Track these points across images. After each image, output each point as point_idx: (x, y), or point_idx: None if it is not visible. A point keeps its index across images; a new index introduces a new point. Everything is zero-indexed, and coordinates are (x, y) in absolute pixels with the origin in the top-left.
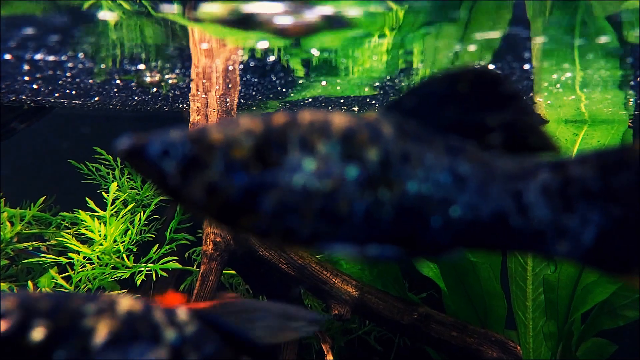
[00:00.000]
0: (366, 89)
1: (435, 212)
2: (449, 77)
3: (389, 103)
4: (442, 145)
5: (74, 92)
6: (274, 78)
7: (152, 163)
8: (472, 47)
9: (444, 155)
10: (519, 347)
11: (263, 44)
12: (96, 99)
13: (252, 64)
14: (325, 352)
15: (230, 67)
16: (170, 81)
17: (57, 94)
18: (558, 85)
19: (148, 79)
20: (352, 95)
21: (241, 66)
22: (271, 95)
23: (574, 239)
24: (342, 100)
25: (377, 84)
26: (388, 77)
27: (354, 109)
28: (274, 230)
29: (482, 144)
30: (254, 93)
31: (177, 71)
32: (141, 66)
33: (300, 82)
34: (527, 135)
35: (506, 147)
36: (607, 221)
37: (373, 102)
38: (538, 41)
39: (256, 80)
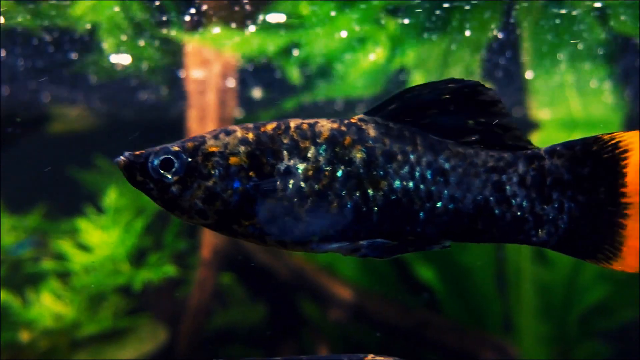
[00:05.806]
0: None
1: (421, 206)
2: (431, 85)
3: (373, 107)
4: (423, 143)
5: None
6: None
7: (152, 175)
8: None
9: (426, 152)
10: (515, 350)
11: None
12: None
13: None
14: None
15: (227, 77)
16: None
17: None
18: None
19: None
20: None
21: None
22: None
23: (550, 227)
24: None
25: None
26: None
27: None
28: (269, 233)
29: (461, 143)
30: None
31: None
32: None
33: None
34: (503, 135)
35: (485, 146)
36: (576, 208)
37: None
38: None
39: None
